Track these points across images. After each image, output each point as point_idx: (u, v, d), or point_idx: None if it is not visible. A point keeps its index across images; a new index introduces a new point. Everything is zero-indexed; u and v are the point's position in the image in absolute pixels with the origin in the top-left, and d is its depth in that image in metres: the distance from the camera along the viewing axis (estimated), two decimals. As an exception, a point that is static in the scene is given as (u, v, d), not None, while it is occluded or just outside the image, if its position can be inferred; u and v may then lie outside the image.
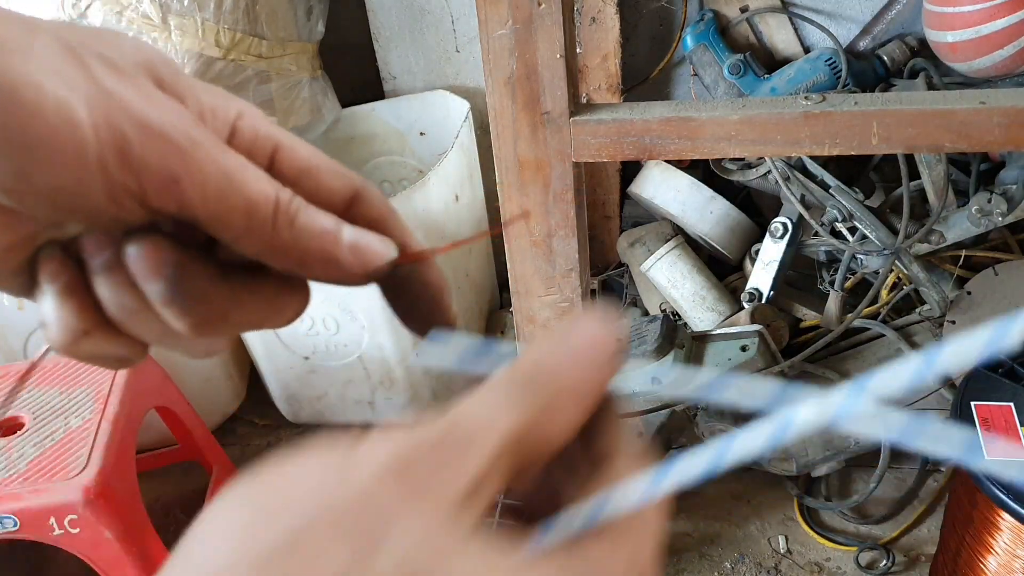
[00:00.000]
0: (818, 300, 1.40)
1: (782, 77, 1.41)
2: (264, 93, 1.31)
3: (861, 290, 1.39)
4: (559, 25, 0.73)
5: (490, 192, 1.49)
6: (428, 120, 1.61)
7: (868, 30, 1.44)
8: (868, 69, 1.40)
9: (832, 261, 1.38)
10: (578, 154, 0.80)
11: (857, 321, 1.31)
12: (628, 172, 1.58)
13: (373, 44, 1.61)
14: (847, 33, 1.46)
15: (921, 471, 1.35)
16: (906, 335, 1.32)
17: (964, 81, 1.31)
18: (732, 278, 1.49)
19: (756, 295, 1.35)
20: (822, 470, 1.31)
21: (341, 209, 0.30)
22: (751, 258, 1.41)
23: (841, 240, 1.29)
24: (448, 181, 1.38)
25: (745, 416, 1.27)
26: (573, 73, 0.78)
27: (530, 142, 0.80)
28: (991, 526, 0.91)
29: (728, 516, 1.35)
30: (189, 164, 0.25)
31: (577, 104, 0.80)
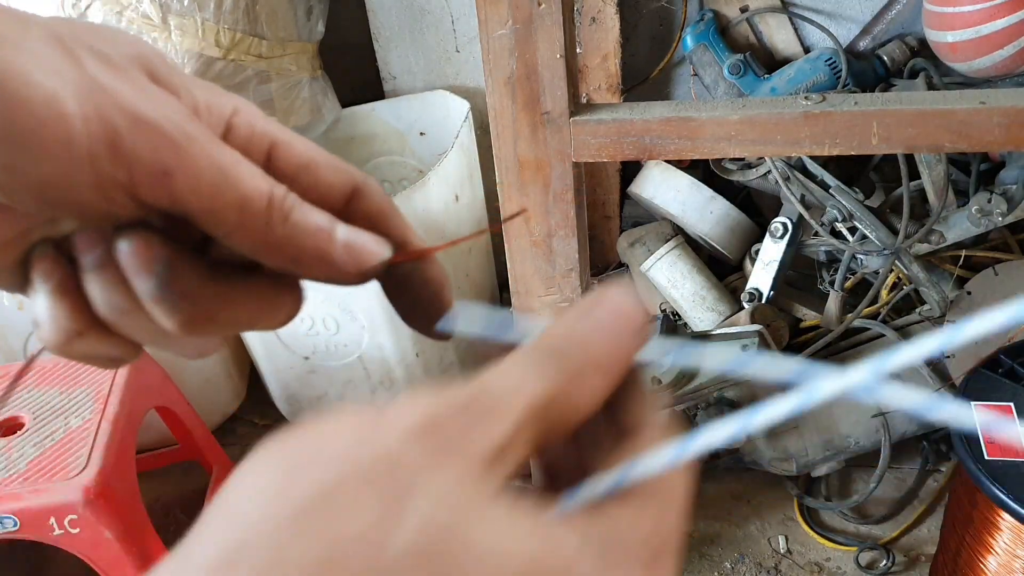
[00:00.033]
0: (818, 300, 1.40)
1: (782, 77, 1.41)
2: (264, 93, 1.31)
3: (861, 290, 1.39)
4: (559, 25, 0.73)
5: (490, 192, 1.49)
6: (428, 120, 1.61)
7: (868, 30, 1.44)
8: (868, 69, 1.40)
9: (832, 261, 1.38)
10: (578, 154, 0.80)
11: (857, 321, 1.31)
12: (628, 172, 1.58)
13: (373, 44, 1.61)
14: (847, 33, 1.46)
15: (921, 471, 1.35)
16: (906, 335, 1.32)
17: (964, 81, 1.31)
18: (732, 278, 1.49)
19: (756, 295, 1.35)
20: (822, 470, 1.31)
21: (340, 204, 0.30)
22: (751, 258, 1.41)
23: (841, 240, 1.29)
24: (448, 181, 1.38)
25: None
26: (573, 73, 0.78)
27: (530, 142, 0.80)
28: (991, 526, 0.91)
29: (728, 516, 1.35)
30: (182, 157, 0.25)
31: (577, 104, 0.80)
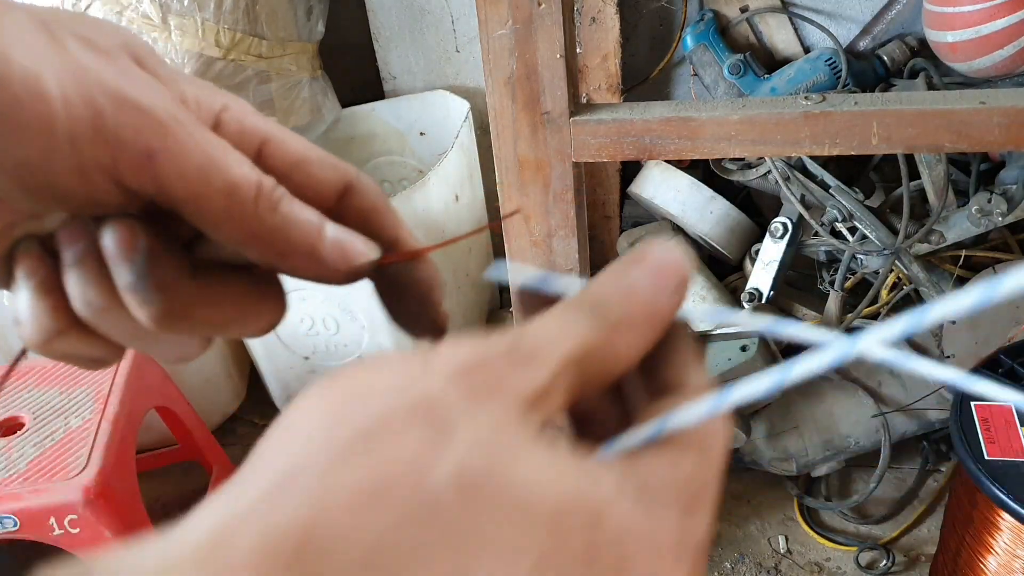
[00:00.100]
0: (818, 300, 1.40)
1: (782, 77, 1.41)
2: (264, 93, 1.31)
3: (861, 290, 1.39)
4: (559, 25, 0.73)
5: (490, 192, 1.49)
6: (428, 120, 1.61)
7: (868, 30, 1.44)
8: (868, 69, 1.40)
9: (832, 261, 1.38)
10: (578, 154, 0.80)
11: (857, 321, 1.31)
12: (628, 172, 1.58)
13: (373, 44, 1.61)
14: (847, 33, 1.46)
15: (921, 471, 1.35)
16: (906, 335, 1.31)
17: (964, 81, 1.31)
18: (732, 278, 1.49)
19: (756, 295, 1.35)
20: (822, 470, 1.31)
21: (333, 200, 0.29)
22: (751, 258, 1.41)
23: (841, 240, 1.29)
24: (448, 181, 1.38)
25: (747, 414, 1.27)
26: (573, 73, 0.78)
27: (530, 142, 0.80)
28: (991, 526, 0.91)
29: (728, 516, 1.35)
30: (167, 139, 0.24)
31: (577, 104, 0.80)
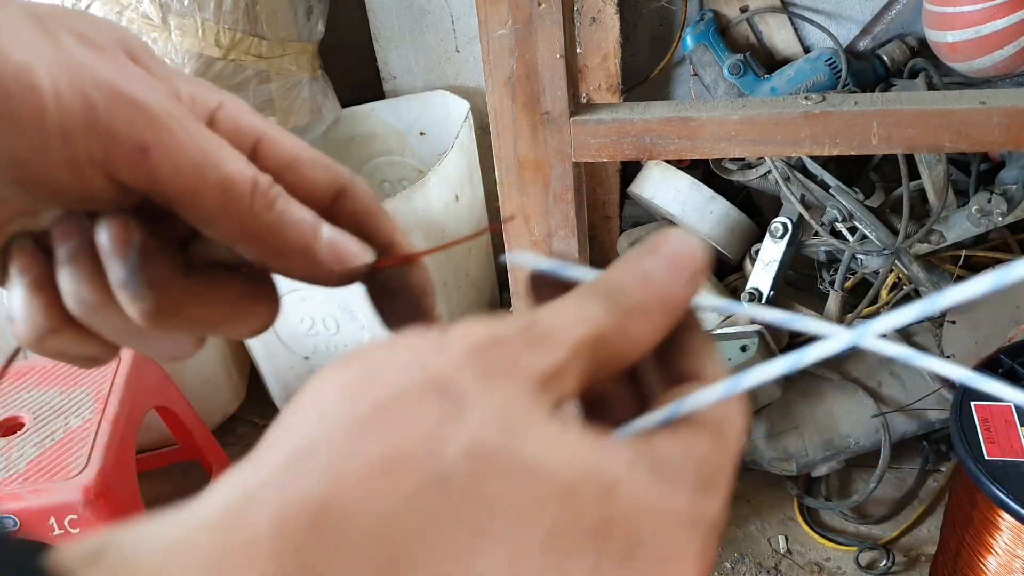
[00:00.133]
0: (818, 300, 1.40)
1: (782, 77, 1.41)
2: (264, 93, 1.31)
3: (861, 290, 1.39)
4: (559, 25, 0.73)
5: (490, 192, 1.49)
6: (428, 120, 1.61)
7: (868, 30, 1.44)
8: (868, 69, 1.40)
9: (832, 261, 1.38)
10: (578, 154, 0.80)
11: (857, 321, 1.31)
12: (628, 172, 1.58)
13: (373, 44, 1.61)
14: (847, 33, 1.46)
15: (921, 471, 1.35)
16: (906, 335, 1.32)
17: (964, 81, 1.31)
18: (732, 278, 1.49)
19: (756, 295, 1.35)
20: (822, 470, 1.31)
21: (326, 203, 0.29)
22: (751, 258, 1.41)
23: (841, 240, 1.29)
24: (448, 181, 1.38)
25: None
26: (573, 73, 0.78)
27: (530, 142, 0.80)
28: (991, 526, 0.91)
29: (728, 516, 1.34)
30: (161, 133, 0.24)
31: (577, 104, 0.80)
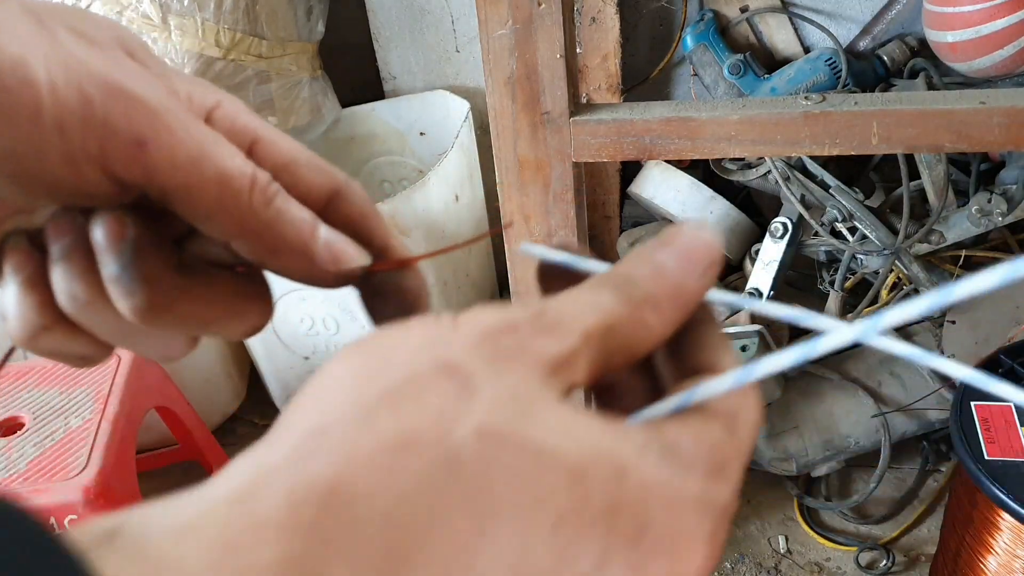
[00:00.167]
0: (818, 300, 1.40)
1: (782, 77, 1.41)
2: (264, 93, 1.31)
3: (861, 290, 1.39)
4: (559, 25, 0.73)
5: (490, 192, 1.49)
6: (428, 120, 1.61)
7: (868, 30, 1.44)
8: (868, 69, 1.40)
9: (832, 261, 1.38)
10: (578, 154, 0.80)
11: (859, 320, 1.31)
12: (628, 172, 1.58)
13: (373, 44, 1.61)
14: (847, 33, 1.46)
15: (921, 471, 1.35)
16: (906, 335, 1.32)
17: (964, 81, 1.31)
18: (732, 278, 1.49)
19: (756, 295, 1.35)
20: (822, 470, 1.31)
21: (321, 205, 0.29)
22: (751, 258, 1.41)
23: (841, 240, 1.29)
24: (448, 181, 1.38)
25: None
26: (573, 73, 0.78)
27: (530, 142, 0.80)
28: (991, 526, 0.91)
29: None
30: (158, 127, 0.24)
31: (577, 104, 0.80)
